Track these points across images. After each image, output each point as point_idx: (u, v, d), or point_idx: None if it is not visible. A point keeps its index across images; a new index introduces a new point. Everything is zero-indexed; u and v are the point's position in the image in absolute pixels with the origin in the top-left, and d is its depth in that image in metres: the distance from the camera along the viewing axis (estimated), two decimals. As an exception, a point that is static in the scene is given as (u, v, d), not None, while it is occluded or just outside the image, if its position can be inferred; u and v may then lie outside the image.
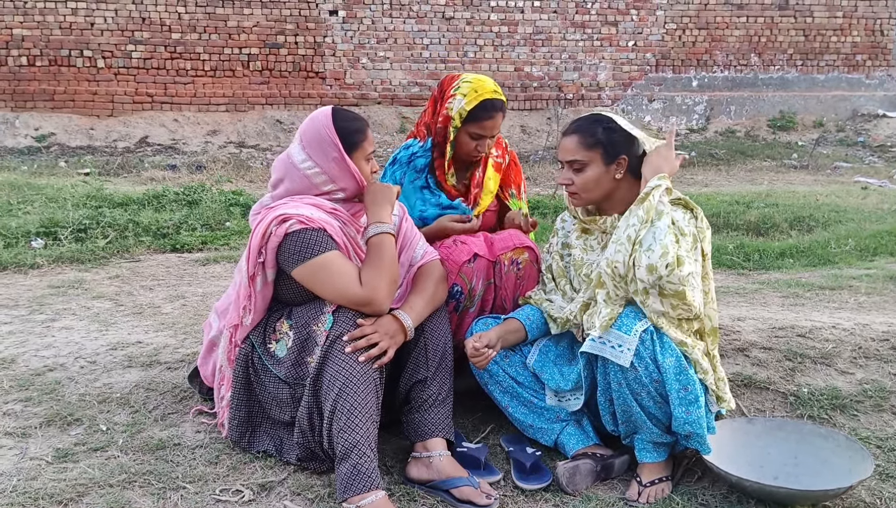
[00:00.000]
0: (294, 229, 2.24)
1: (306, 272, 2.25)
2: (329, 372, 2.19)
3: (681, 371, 2.16)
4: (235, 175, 9.42)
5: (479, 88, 2.67)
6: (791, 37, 13.89)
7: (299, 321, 2.30)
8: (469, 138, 2.68)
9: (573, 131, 2.36)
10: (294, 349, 2.29)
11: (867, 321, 3.25)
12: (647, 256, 2.12)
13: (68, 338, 3.39)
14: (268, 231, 2.26)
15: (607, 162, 2.32)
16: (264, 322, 2.39)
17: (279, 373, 2.31)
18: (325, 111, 2.39)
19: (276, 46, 12.40)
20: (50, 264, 4.88)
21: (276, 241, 2.26)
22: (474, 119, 2.66)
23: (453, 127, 2.68)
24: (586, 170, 2.33)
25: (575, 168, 2.34)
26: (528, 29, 13.20)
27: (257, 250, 2.28)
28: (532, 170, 10.13)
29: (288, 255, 2.25)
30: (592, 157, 2.32)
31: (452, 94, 2.68)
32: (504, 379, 2.49)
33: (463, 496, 2.20)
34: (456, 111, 2.66)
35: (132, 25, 11.99)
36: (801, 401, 2.73)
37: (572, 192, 2.37)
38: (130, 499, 2.15)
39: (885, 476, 2.33)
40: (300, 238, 2.24)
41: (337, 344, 2.20)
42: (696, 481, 2.35)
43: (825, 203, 7.54)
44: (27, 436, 2.52)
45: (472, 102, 2.65)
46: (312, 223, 2.26)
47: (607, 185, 2.34)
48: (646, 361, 2.16)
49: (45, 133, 11.45)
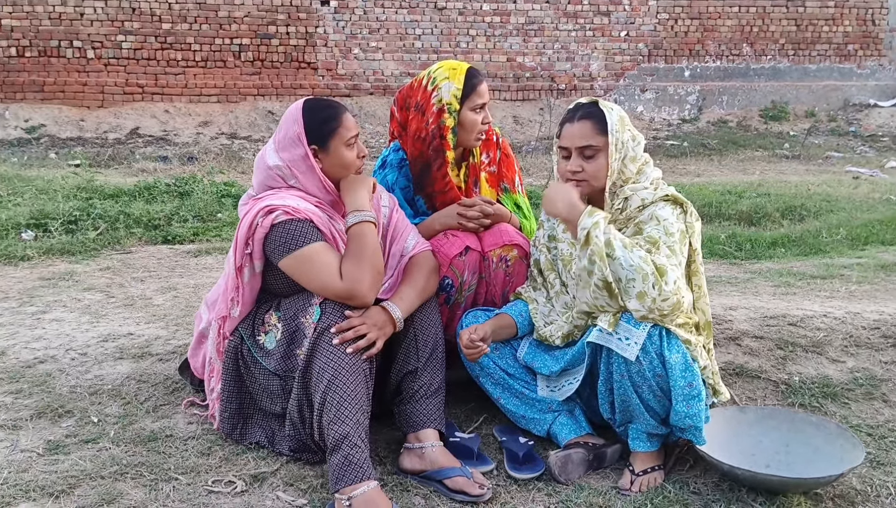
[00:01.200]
0: (280, 219, 2.23)
1: (292, 264, 2.24)
2: (318, 364, 2.18)
3: (686, 368, 2.16)
4: (227, 166, 9.37)
5: (454, 66, 2.65)
6: (783, 27, 13.90)
7: (287, 313, 2.29)
8: (474, 113, 2.62)
9: (585, 117, 2.30)
10: (283, 342, 2.28)
11: (858, 310, 3.26)
12: (631, 287, 2.10)
13: (59, 330, 3.38)
14: (254, 222, 2.25)
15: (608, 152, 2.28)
16: (253, 314, 2.39)
17: (269, 365, 2.31)
18: (297, 104, 2.37)
19: (268, 37, 12.33)
20: (40, 255, 4.85)
21: (263, 232, 2.25)
22: (470, 90, 2.61)
23: (451, 112, 2.60)
24: (599, 157, 2.28)
25: (587, 155, 2.29)
26: (520, 19, 13.16)
27: (244, 241, 2.28)
28: (525, 161, 10.11)
29: (274, 246, 2.25)
30: (603, 143, 2.28)
31: (432, 89, 2.62)
32: (495, 371, 2.49)
33: (456, 486, 2.20)
34: (450, 96, 2.60)
35: (122, 16, 11.90)
36: (793, 390, 2.74)
37: (581, 179, 2.31)
38: (122, 491, 2.15)
39: (876, 464, 2.34)
40: (286, 229, 2.23)
41: (325, 336, 2.19)
42: (689, 469, 2.35)
43: (817, 193, 7.55)
44: (18, 428, 2.51)
45: (459, 77, 2.61)
46: (298, 214, 2.25)
47: (604, 178, 2.30)
48: (651, 356, 2.15)
49: (35, 125, 11.37)
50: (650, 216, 2.26)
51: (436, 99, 2.61)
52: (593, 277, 2.15)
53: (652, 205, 2.28)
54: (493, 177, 2.79)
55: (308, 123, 2.31)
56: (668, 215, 2.24)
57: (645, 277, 2.08)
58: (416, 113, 2.65)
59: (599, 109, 2.31)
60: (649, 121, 13.25)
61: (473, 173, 2.74)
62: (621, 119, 2.31)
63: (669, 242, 2.20)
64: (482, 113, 2.64)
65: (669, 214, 2.25)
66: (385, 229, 2.48)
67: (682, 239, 2.24)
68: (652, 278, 2.08)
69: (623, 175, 2.30)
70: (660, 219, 2.23)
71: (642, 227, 2.26)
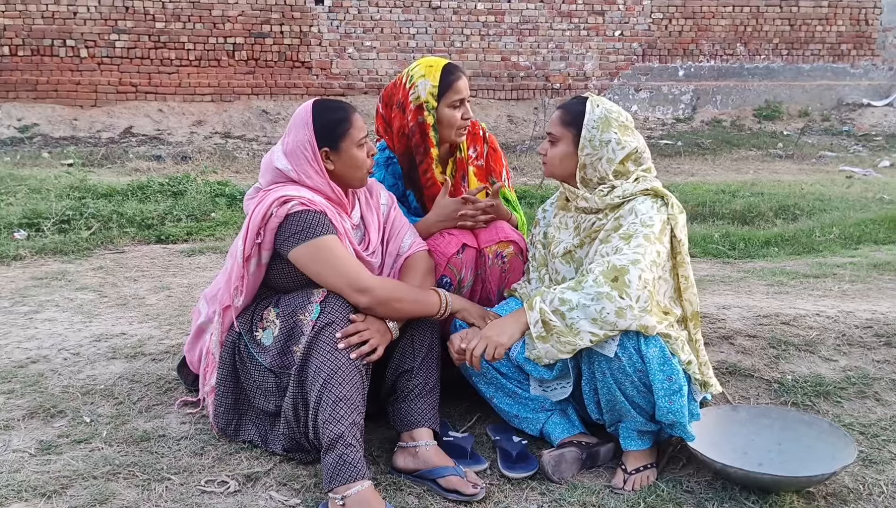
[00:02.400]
0: (296, 209, 2.24)
1: (306, 253, 2.24)
2: (314, 363, 2.18)
3: (665, 362, 2.17)
4: (221, 166, 9.35)
5: (431, 63, 2.65)
6: (777, 26, 13.93)
7: (286, 309, 2.29)
8: (452, 110, 2.63)
9: (561, 107, 2.44)
10: (280, 338, 2.28)
11: (851, 309, 3.27)
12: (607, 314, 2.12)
13: (51, 330, 3.37)
14: (269, 212, 2.25)
15: (577, 144, 2.35)
16: (252, 310, 2.38)
17: (264, 361, 2.31)
18: (306, 106, 2.38)
19: (262, 36, 12.31)
20: (33, 255, 4.83)
21: (277, 222, 2.25)
22: (447, 87, 2.62)
23: (430, 110, 2.61)
24: (558, 145, 2.40)
25: (550, 140, 2.42)
26: (514, 18, 13.17)
27: (256, 230, 2.27)
28: (519, 160, 10.12)
29: (288, 235, 2.24)
30: (564, 134, 2.38)
31: (409, 87, 2.63)
32: (488, 371, 2.49)
33: (449, 485, 2.20)
34: (426, 94, 2.61)
35: (115, 15, 11.87)
36: (786, 388, 2.74)
37: (544, 162, 2.46)
38: (115, 491, 2.14)
39: (868, 462, 2.35)
40: (302, 219, 2.24)
41: (323, 335, 2.19)
42: (681, 468, 2.36)
43: (810, 192, 7.57)
44: (10, 428, 2.50)
45: (435, 74, 2.62)
46: (314, 206, 2.26)
47: (570, 166, 2.39)
48: (630, 351, 2.16)
49: (27, 124, 11.33)
50: (630, 210, 2.30)
51: (413, 97, 2.63)
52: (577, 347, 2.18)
53: (632, 198, 2.31)
54: (480, 171, 2.80)
55: (319, 125, 2.32)
56: (647, 208, 2.28)
57: (609, 296, 2.11)
58: (398, 111, 2.67)
59: (578, 103, 2.39)
60: (643, 120, 13.27)
61: (461, 168, 2.75)
62: (605, 119, 2.34)
63: (646, 231, 2.23)
64: (461, 109, 2.65)
65: (648, 207, 2.28)
66: (383, 227, 2.49)
67: (664, 229, 2.27)
68: (616, 293, 2.11)
69: (597, 171, 2.35)
70: (638, 213, 2.27)
71: (621, 222, 2.29)
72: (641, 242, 2.20)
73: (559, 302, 2.17)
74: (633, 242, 2.20)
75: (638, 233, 2.22)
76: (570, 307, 2.15)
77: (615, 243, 2.24)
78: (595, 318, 2.13)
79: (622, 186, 2.33)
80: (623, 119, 2.38)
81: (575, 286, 2.18)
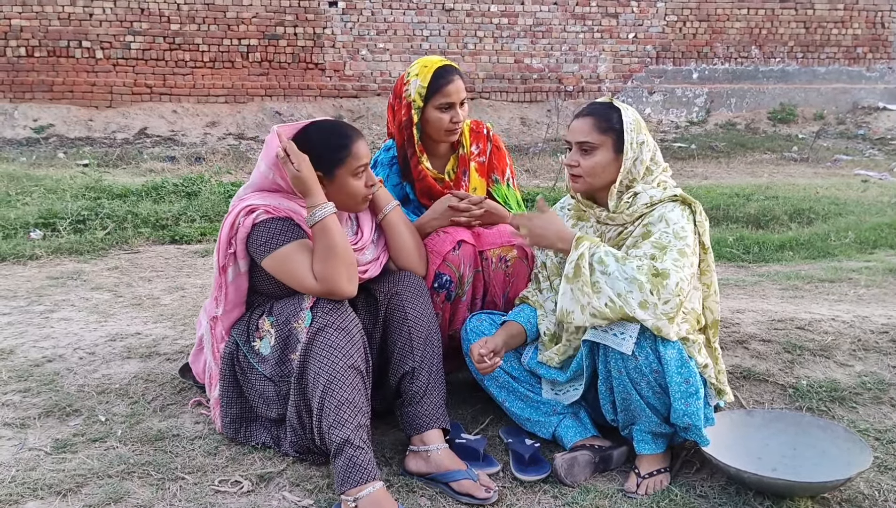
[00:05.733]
0: (261, 218, 2.25)
1: (274, 264, 2.25)
2: (313, 369, 2.18)
3: (682, 364, 2.16)
4: (234, 167, 9.40)
5: (428, 63, 2.65)
6: (792, 29, 13.85)
7: (280, 317, 2.29)
8: (440, 112, 2.62)
9: (588, 113, 2.33)
10: (277, 347, 2.28)
11: (866, 314, 3.25)
12: (632, 299, 2.10)
13: (67, 329, 3.39)
14: (236, 222, 2.27)
15: (617, 150, 2.30)
16: (247, 320, 2.39)
17: (264, 371, 2.31)
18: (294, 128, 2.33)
19: (276, 38, 12.35)
20: (49, 255, 4.87)
21: (245, 232, 2.26)
22: (435, 90, 2.61)
23: (416, 108, 2.62)
24: (595, 154, 2.30)
25: (584, 149, 2.31)
26: (528, 21, 13.15)
27: (227, 241, 2.30)
28: (531, 162, 10.11)
29: (257, 246, 2.26)
30: (604, 141, 2.30)
31: (406, 82, 2.65)
32: (500, 374, 2.49)
33: (462, 489, 2.20)
34: (415, 92, 2.62)
35: (131, 16, 11.94)
36: (800, 393, 2.73)
37: (576, 175, 2.33)
38: (129, 490, 2.16)
39: (884, 468, 2.33)
40: (267, 228, 2.24)
41: (317, 340, 2.19)
42: (695, 472, 2.35)
43: (825, 196, 7.52)
44: (26, 427, 2.52)
45: (426, 75, 2.61)
46: (279, 212, 2.27)
47: (611, 175, 2.31)
48: (646, 350, 2.15)
49: (43, 124, 11.42)
50: (659, 218, 2.26)
51: (406, 94, 2.65)
52: (586, 311, 2.16)
53: (661, 204, 2.28)
54: (482, 167, 2.81)
55: (316, 148, 2.28)
56: (678, 217, 2.24)
57: (641, 286, 2.09)
58: (397, 102, 2.70)
59: (607, 108, 2.32)
60: (657, 123, 13.23)
61: (463, 164, 2.76)
62: (638, 121, 2.33)
63: (681, 245, 2.19)
64: (450, 112, 2.63)
65: (679, 216, 2.25)
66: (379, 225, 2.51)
67: (695, 240, 2.25)
68: (648, 286, 2.09)
69: (630, 175, 2.32)
70: (669, 222, 2.23)
71: (651, 229, 2.25)
72: (676, 256, 2.17)
73: (598, 261, 2.15)
74: (669, 255, 2.17)
75: (672, 246, 2.19)
76: (604, 271, 2.14)
77: (647, 250, 2.20)
78: (620, 293, 2.11)
79: (646, 193, 2.29)
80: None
81: (619, 259, 2.15)
